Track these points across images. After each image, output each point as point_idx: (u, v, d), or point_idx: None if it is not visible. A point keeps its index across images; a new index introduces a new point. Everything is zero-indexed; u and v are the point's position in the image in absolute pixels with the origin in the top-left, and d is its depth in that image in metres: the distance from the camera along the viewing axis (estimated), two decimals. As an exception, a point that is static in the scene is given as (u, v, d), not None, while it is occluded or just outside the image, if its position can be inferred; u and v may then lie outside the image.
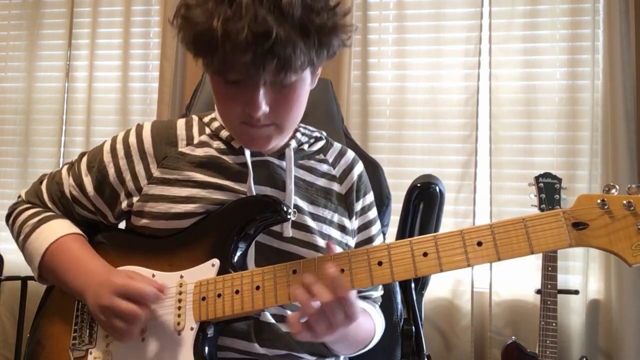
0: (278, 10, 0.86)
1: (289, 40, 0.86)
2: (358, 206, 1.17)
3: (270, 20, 0.85)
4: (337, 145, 1.21)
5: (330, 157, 1.17)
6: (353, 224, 1.16)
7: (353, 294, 0.89)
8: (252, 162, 1.06)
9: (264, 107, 0.94)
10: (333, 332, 0.89)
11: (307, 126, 1.19)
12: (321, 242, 1.07)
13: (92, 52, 2.96)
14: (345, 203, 1.15)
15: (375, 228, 1.20)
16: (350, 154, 1.20)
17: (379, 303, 1.25)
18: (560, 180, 2.12)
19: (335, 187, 1.14)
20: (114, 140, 1.13)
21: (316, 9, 0.90)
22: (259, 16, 0.84)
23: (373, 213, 1.20)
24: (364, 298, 1.19)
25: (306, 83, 1.00)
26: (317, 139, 1.18)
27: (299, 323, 0.89)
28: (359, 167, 1.20)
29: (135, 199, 1.07)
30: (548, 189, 2.10)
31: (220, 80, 0.96)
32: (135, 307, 0.93)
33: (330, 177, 1.15)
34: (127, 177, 1.08)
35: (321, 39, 0.91)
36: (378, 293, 1.23)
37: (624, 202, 0.79)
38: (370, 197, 1.20)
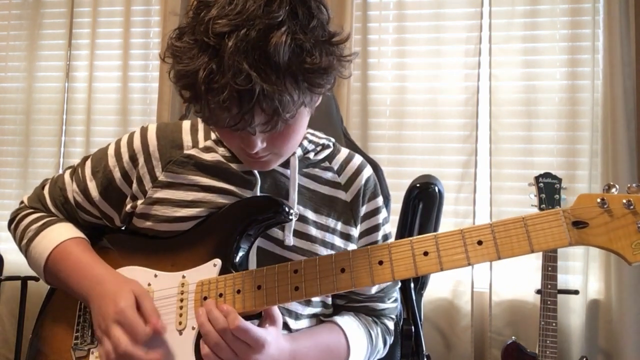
0: (264, 58, 0.81)
1: (275, 92, 0.82)
2: (362, 211, 1.14)
3: (254, 76, 0.80)
4: (344, 152, 1.17)
5: (336, 164, 1.14)
6: (358, 230, 1.14)
7: (244, 324, 0.88)
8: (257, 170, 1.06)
9: (260, 145, 0.92)
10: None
11: (316, 132, 1.16)
12: (323, 251, 1.06)
13: (92, 52, 2.97)
14: (352, 210, 1.12)
15: (381, 234, 1.16)
16: (357, 160, 1.17)
17: (391, 315, 1.20)
18: (560, 180, 2.12)
19: (340, 195, 1.12)
20: (117, 143, 1.12)
21: (307, 47, 0.83)
22: (243, 71, 0.80)
23: (379, 218, 1.16)
24: (367, 309, 1.16)
25: (303, 116, 0.96)
26: (324, 147, 1.15)
27: (204, 346, 0.90)
28: (367, 172, 1.16)
29: (139, 202, 1.06)
30: (548, 189, 2.10)
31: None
32: (128, 342, 0.91)
33: (335, 185, 1.12)
34: (133, 179, 1.08)
35: (312, 81, 0.86)
36: (387, 305, 1.18)
37: (624, 201, 0.79)
38: (377, 202, 1.16)
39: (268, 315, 0.94)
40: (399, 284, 1.35)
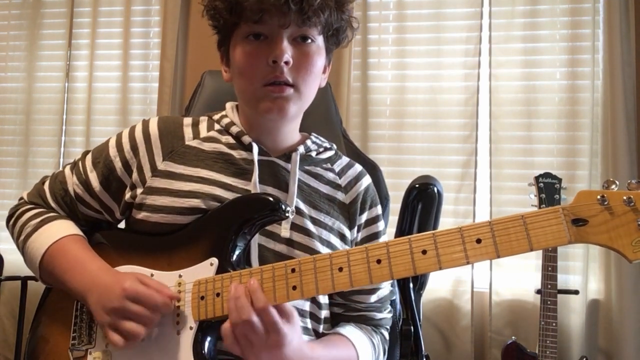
0: None
1: None
2: (362, 218, 1.16)
3: None
4: (345, 158, 1.22)
5: (337, 167, 1.18)
6: (354, 235, 1.15)
7: (275, 319, 0.88)
8: (259, 161, 1.07)
9: (287, 55, 1.01)
10: (255, 352, 0.89)
11: (319, 136, 1.20)
12: (320, 248, 1.07)
13: (92, 52, 2.96)
14: (348, 213, 1.14)
15: (381, 241, 1.18)
16: (358, 167, 1.21)
17: (386, 326, 1.21)
18: (560, 180, 2.12)
19: (340, 195, 1.15)
20: (119, 135, 1.14)
21: None
22: None
23: (379, 226, 1.19)
24: (365, 319, 1.16)
25: (321, 55, 1.08)
26: (327, 149, 1.19)
27: (231, 334, 0.89)
28: (367, 180, 1.20)
29: (139, 191, 1.07)
30: (548, 189, 2.10)
31: (245, 39, 1.05)
32: (148, 311, 0.93)
33: (335, 186, 1.15)
34: (134, 169, 1.09)
35: (339, 2, 1.05)
36: (384, 315, 1.19)
37: (624, 197, 0.79)
38: (377, 210, 1.19)
39: (283, 312, 0.92)
40: (396, 295, 1.36)
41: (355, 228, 1.15)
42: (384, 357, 1.20)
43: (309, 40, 1.05)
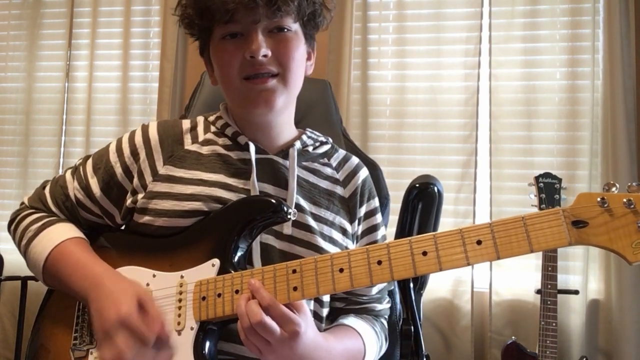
0: None
1: None
2: (362, 211, 1.17)
3: None
4: (341, 152, 1.22)
5: (334, 161, 1.18)
6: (355, 228, 1.16)
7: (284, 310, 0.88)
8: (256, 160, 1.08)
9: (264, 49, 1.01)
10: (275, 349, 0.88)
11: (314, 131, 1.20)
12: (322, 243, 1.07)
13: (92, 52, 2.97)
14: (348, 206, 1.15)
15: (380, 233, 1.19)
16: (355, 160, 1.21)
17: (385, 316, 1.22)
18: (560, 180, 2.12)
19: (338, 190, 1.15)
20: (119, 140, 1.14)
21: None
22: None
23: (378, 218, 1.20)
24: (366, 311, 1.17)
25: (300, 41, 1.08)
26: (323, 143, 1.19)
27: (246, 339, 0.89)
28: (364, 172, 1.20)
29: (140, 196, 1.07)
30: (548, 189, 2.10)
31: (221, 40, 1.05)
32: (133, 350, 0.89)
33: (334, 180, 1.16)
34: (134, 174, 1.09)
35: None
36: (383, 306, 1.20)
37: (624, 200, 0.79)
38: (375, 202, 1.20)
39: (292, 306, 0.91)
40: (393, 286, 1.36)
41: (356, 221, 1.16)
42: (386, 343, 1.21)
43: (285, 30, 1.05)
